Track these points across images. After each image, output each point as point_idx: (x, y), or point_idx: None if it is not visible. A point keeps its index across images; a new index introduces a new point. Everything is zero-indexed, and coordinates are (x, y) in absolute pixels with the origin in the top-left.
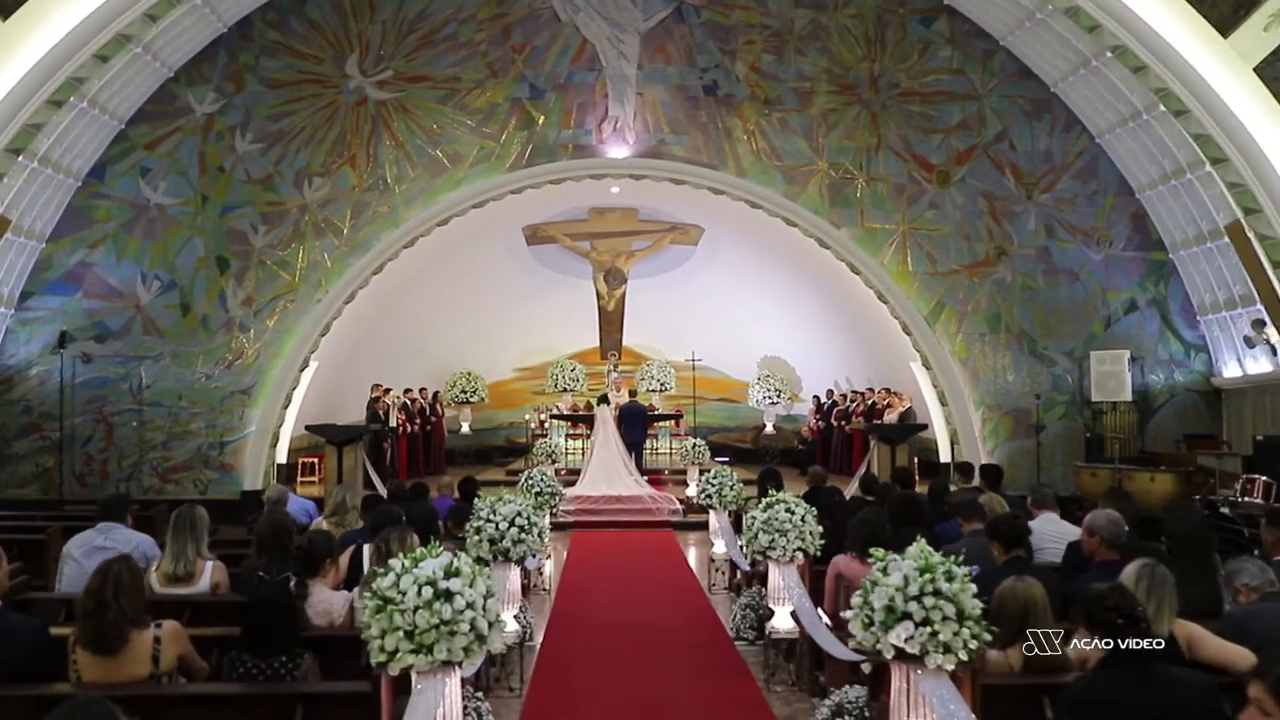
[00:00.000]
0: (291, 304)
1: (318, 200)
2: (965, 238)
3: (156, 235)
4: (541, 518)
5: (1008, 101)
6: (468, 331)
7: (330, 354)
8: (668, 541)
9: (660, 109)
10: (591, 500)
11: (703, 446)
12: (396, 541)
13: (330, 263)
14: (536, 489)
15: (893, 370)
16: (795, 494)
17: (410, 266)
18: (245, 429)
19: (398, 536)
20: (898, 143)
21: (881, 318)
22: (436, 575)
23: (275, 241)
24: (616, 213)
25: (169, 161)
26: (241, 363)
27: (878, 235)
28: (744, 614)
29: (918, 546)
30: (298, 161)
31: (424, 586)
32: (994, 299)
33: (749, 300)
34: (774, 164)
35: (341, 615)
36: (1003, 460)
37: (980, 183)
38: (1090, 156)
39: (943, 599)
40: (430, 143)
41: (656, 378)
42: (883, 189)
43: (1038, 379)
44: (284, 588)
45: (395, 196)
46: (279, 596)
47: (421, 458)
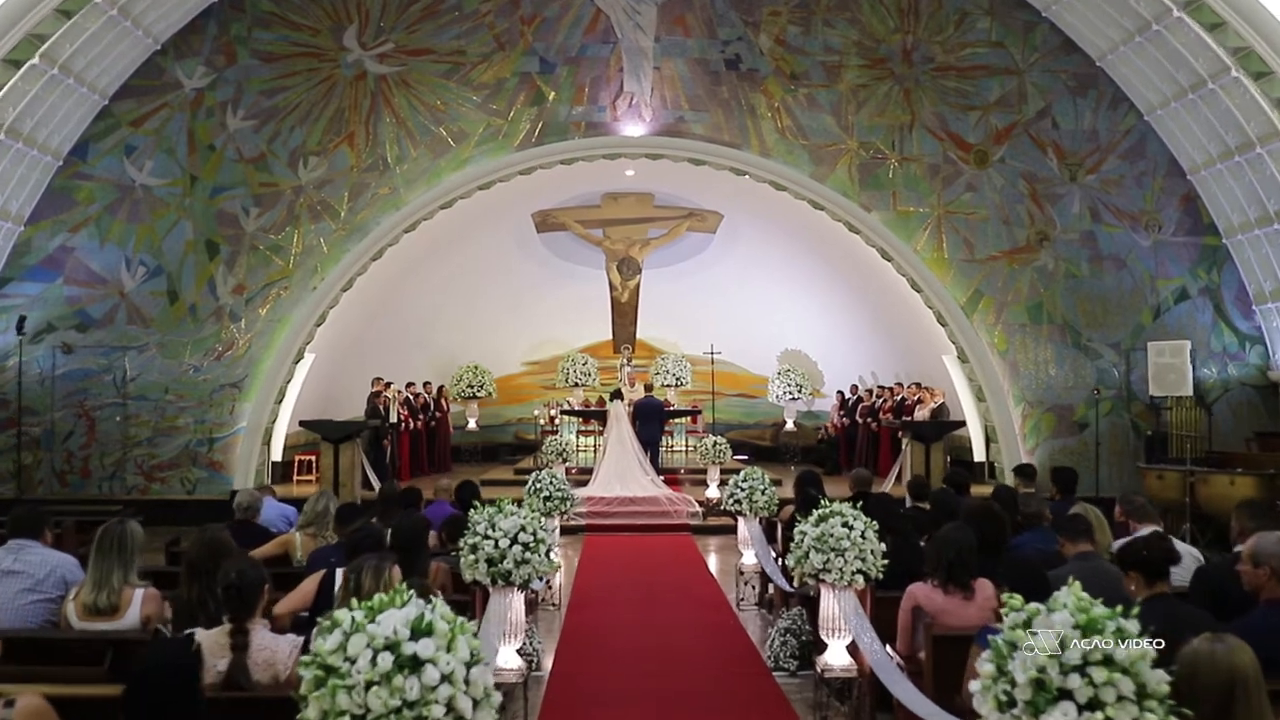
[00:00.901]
0: (285, 291)
1: (314, 181)
2: (1004, 222)
3: (142, 218)
4: (550, 533)
5: (1050, 76)
6: (475, 323)
7: (328, 346)
8: (686, 546)
9: (679, 84)
10: (605, 502)
11: (723, 445)
12: (371, 574)
13: (327, 248)
14: (545, 493)
15: (923, 364)
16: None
17: (413, 253)
18: (236, 424)
19: (372, 567)
20: (932, 120)
21: (913, 308)
22: (400, 636)
23: (268, 225)
24: (631, 198)
25: (155, 139)
26: (232, 354)
27: (911, 219)
28: (784, 640)
29: (1072, 594)
30: (292, 140)
31: (382, 652)
32: (1035, 287)
33: (769, 291)
34: (800, 143)
35: (289, 666)
36: (1044, 461)
37: (1020, 163)
38: (1138, 135)
39: (1116, 671)
40: (433, 120)
41: (672, 372)
42: (916, 170)
43: (1082, 373)
44: (184, 649)
45: (396, 177)
46: (177, 661)
47: (425, 455)
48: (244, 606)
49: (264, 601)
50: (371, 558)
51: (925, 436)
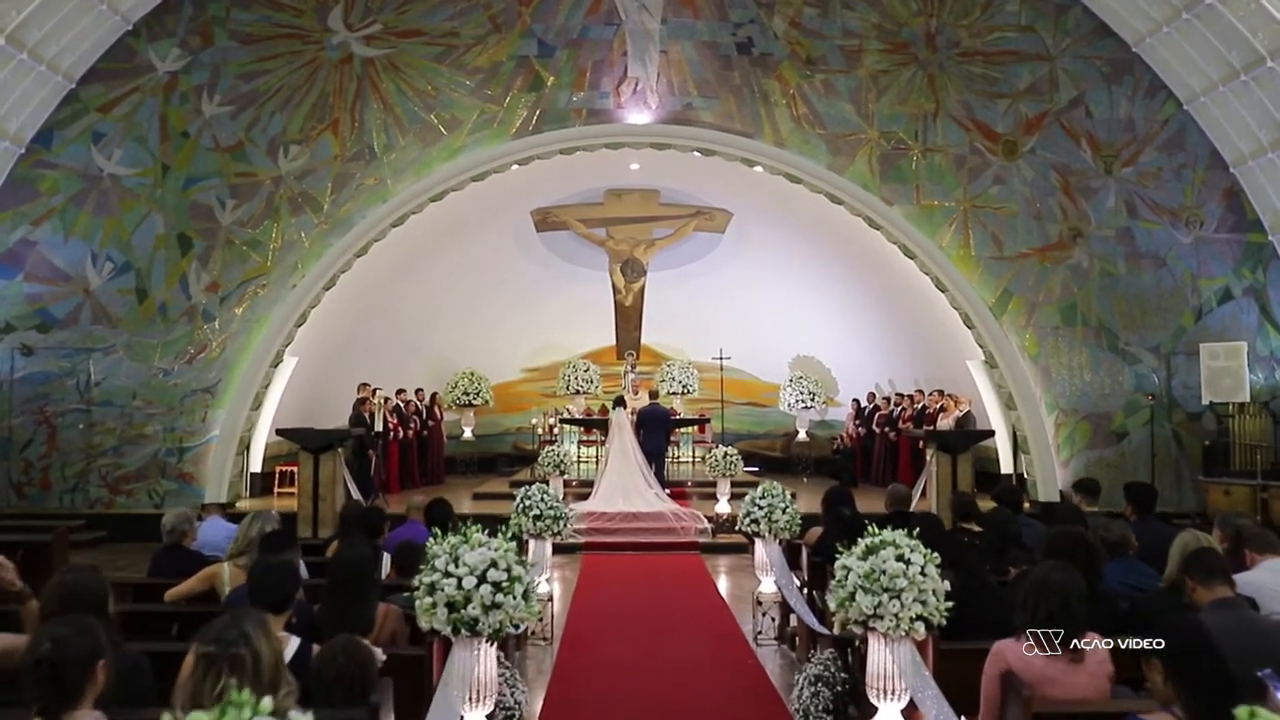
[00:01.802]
0: (263, 289)
1: (295, 171)
2: (1035, 217)
3: (110, 210)
4: (534, 568)
5: (1083, 63)
6: (471, 327)
7: (312, 349)
8: (695, 567)
9: (687, 69)
10: (606, 518)
11: (735, 456)
12: (226, 665)
13: (308, 242)
14: (535, 511)
15: (945, 370)
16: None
17: (405, 252)
18: (208, 433)
19: (228, 658)
20: (958, 109)
21: (936, 310)
22: None
23: (245, 218)
24: (636, 195)
25: (125, 126)
26: (205, 357)
27: (935, 214)
28: (814, 691)
29: None
30: (272, 127)
31: None
32: (1069, 287)
33: (781, 294)
34: (817, 132)
35: None
36: (1080, 472)
37: (1052, 154)
38: (1177, 125)
39: None
40: (424, 106)
41: (678, 379)
42: (941, 161)
43: (1119, 379)
44: None
45: (383, 167)
46: None
47: (416, 467)
48: (60, 693)
49: (98, 685)
50: (248, 618)
51: (952, 447)
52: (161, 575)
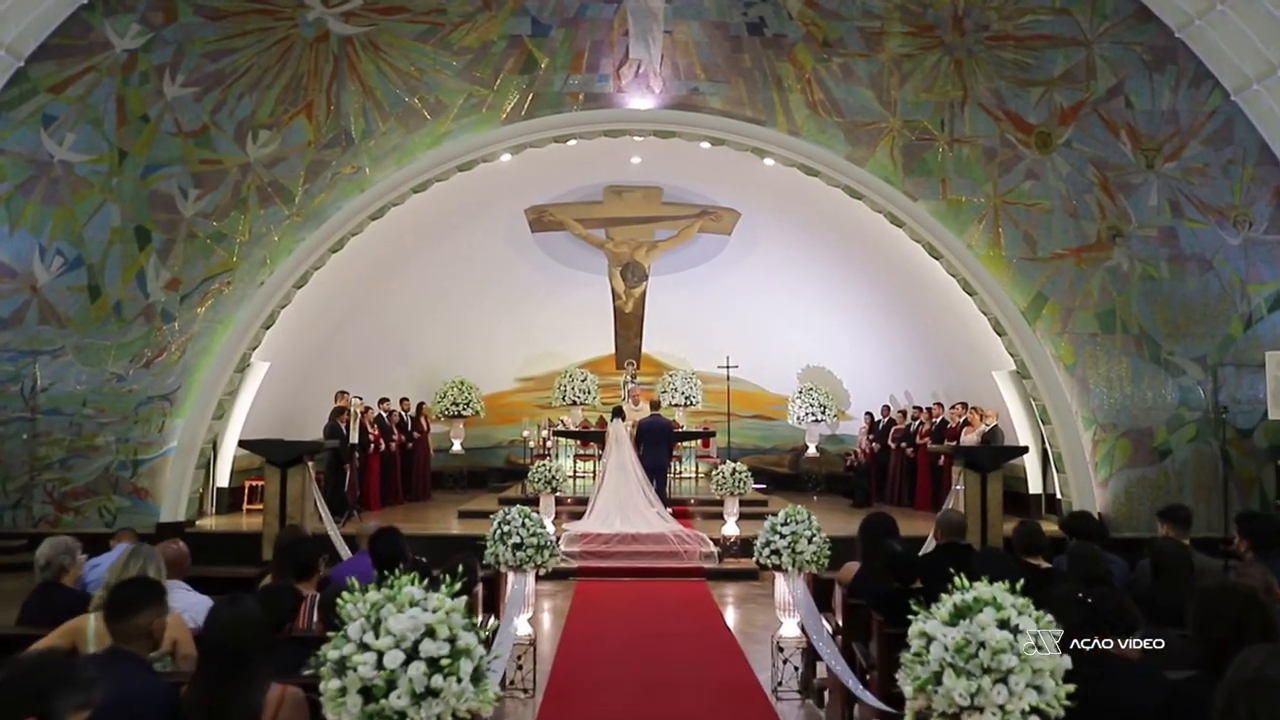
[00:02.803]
0: (228, 287)
1: (264, 159)
2: (1071, 215)
3: (61, 200)
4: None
5: (1122, 49)
6: (461, 333)
7: (288, 355)
8: (700, 597)
9: (694, 51)
10: (602, 539)
11: (744, 474)
12: None
13: (278, 236)
14: (515, 539)
15: (968, 381)
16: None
17: (389, 251)
18: (165, 444)
19: None
20: (988, 97)
21: (957, 316)
22: None
23: (210, 209)
24: (637, 193)
25: (79, 108)
26: (163, 361)
27: (963, 210)
28: None
29: None
30: (240, 110)
31: None
32: (1107, 291)
33: (790, 300)
34: (834, 120)
35: None
36: (1120, 493)
37: (1089, 147)
38: (1224, 117)
39: None
40: (407, 89)
41: (681, 390)
42: (969, 153)
43: (1161, 391)
44: None
45: (362, 155)
46: None
47: (400, 482)
48: None
49: None
50: None
51: (981, 464)
52: (34, 621)
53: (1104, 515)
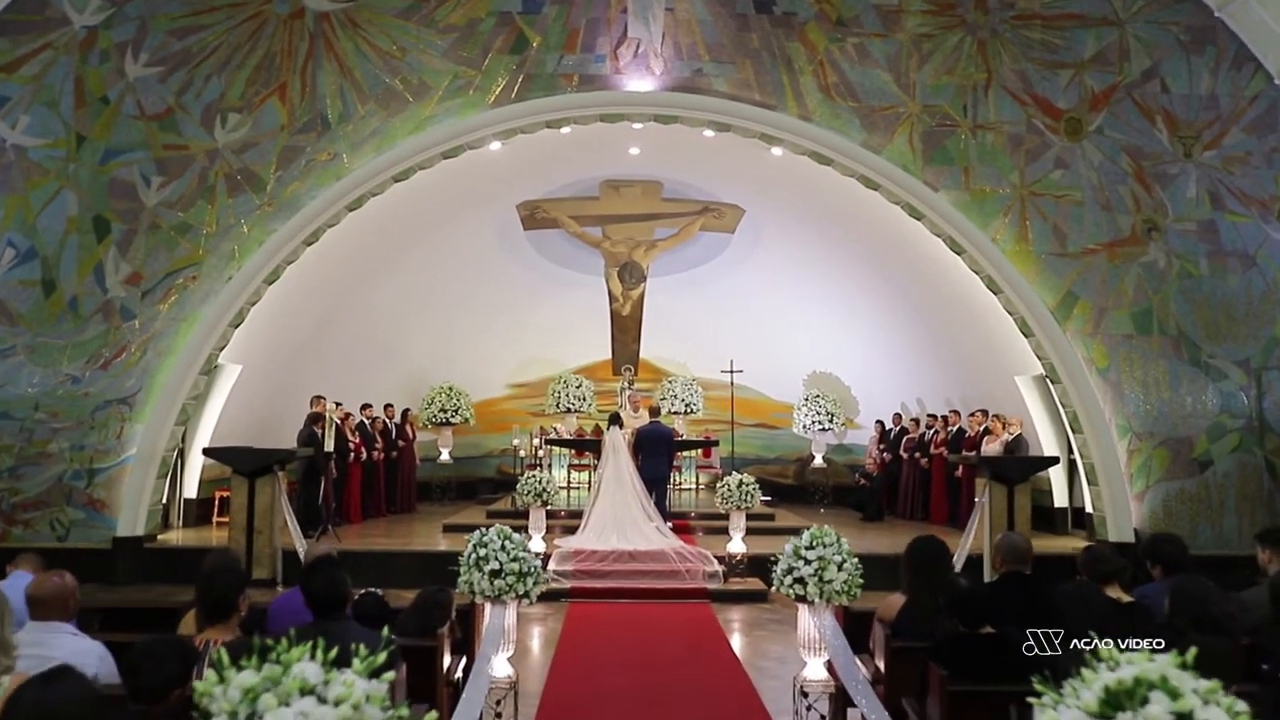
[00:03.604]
0: (193, 282)
1: (234, 144)
2: (1104, 207)
3: (13, 187)
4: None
5: (1158, 29)
6: (449, 336)
7: (263, 358)
8: (705, 622)
9: (697, 30)
10: (597, 557)
11: (751, 486)
12: None
13: (248, 227)
14: (493, 564)
15: (986, 386)
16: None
17: (373, 248)
18: (124, 452)
19: None
20: (1013, 80)
21: (975, 318)
22: None
23: (174, 198)
24: (636, 188)
25: (34, 89)
26: (122, 361)
27: (987, 201)
28: None
29: None
30: (208, 92)
31: None
32: (1143, 289)
33: (795, 302)
34: (849, 105)
35: None
36: (1158, 507)
37: (1123, 135)
38: (1268, 102)
39: None
40: (388, 70)
41: (681, 397)
42: (994, 141)
43: (1201, 397)
44: None
45: (339, 140)
46: None
47: (383, 494)
48: None
49: None
50: None
51: (1008, 476)
52: None
53: (1140, 531)
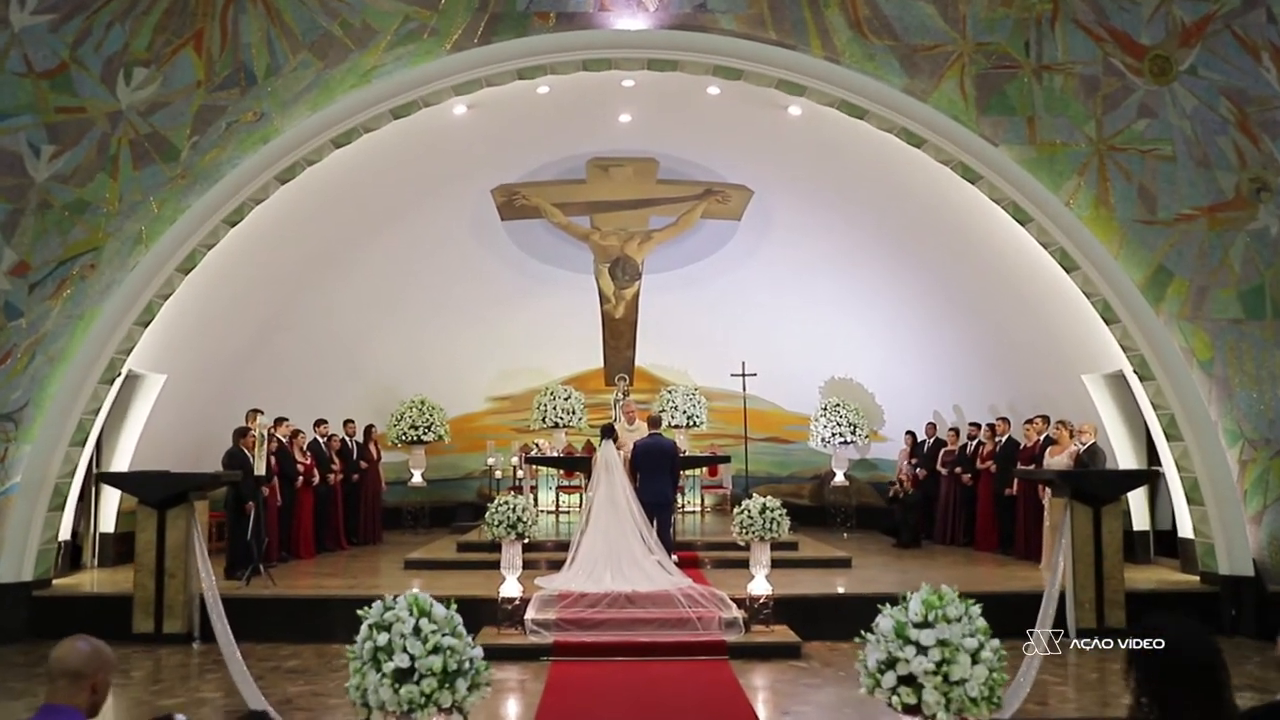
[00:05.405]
0: (92, 271)
1: (140, 104)
2: (1201, 163)
3: None
4: None
5: None
6: (420, 343)
7: (195, 366)
8: (723, 684)
9: None
10: (586, 601)
11: (777, 512)
12: None
13: (157, 205)
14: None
15: (1041, 388)
16: None
17: (329, 244)
18: (7, 480)
19: None
20: (1085, 11)
21: (1035, 306)
22: None
23: (69, 171)
24: (627, 167)
25: None
26: (6, 369)
27: (1057, 158)
28: None
29: None
30: (109, 44)
31: None
32: (1252, 263)
33: (810, 300)
34: (885, 44)
35: None
36: (1276, 533)
37: (1221, 75)
38: None
39: None
40: (325, 12)
41: (682, 409)
42: (1063, 85)
43: None
44: None
45: (266, 98)
46: None
47: (341, 523)
48: None
49: None
50: None
51: (1093, 495)
52: None
53: (1259, 562)
